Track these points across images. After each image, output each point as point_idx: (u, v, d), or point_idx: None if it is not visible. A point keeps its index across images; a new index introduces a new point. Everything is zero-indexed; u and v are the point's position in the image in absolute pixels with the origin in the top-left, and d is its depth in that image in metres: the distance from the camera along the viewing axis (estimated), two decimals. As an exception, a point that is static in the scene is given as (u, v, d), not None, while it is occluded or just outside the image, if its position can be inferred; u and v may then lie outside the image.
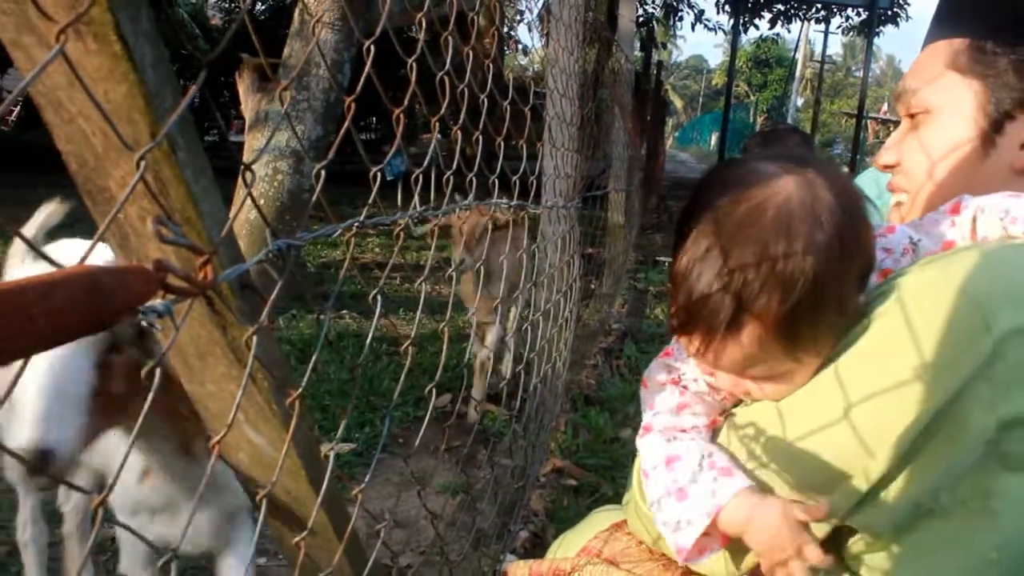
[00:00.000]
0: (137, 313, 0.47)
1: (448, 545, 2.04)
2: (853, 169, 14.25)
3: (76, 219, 0.83)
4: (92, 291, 0.42)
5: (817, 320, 0.75)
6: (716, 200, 0.78)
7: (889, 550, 0.76)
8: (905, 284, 0.74)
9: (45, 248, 0.88)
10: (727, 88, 19.48)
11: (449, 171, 1.13)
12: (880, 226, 0.85)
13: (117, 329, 0.85)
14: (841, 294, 0.75)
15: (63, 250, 1.32)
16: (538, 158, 2.00)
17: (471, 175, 1.22)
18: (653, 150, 10.35)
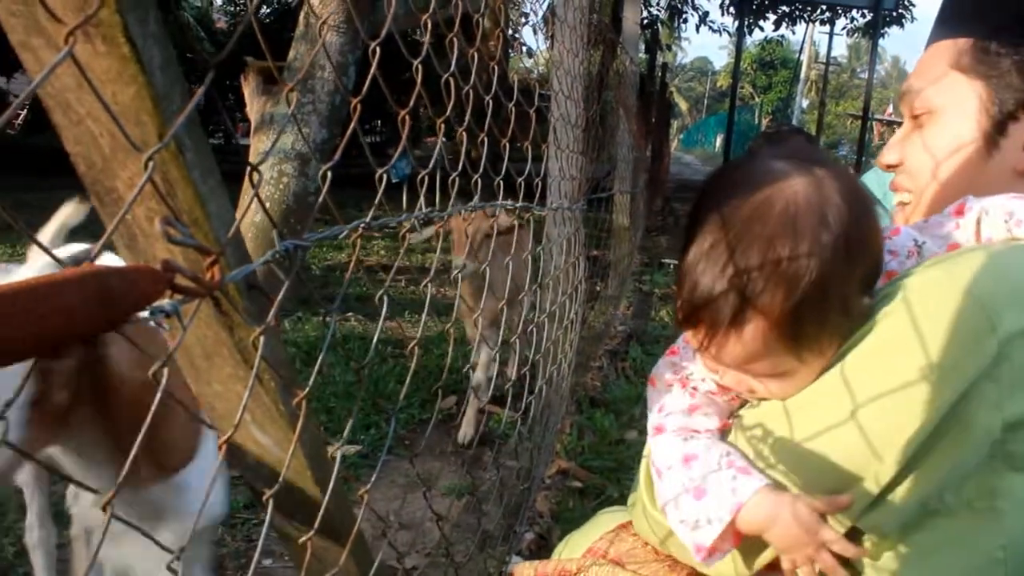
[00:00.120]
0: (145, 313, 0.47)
1: (454, 546, 2.04)
2: (858, 171, 14.21)
3: (91, 219, 0.84)
4: (101, 291, 0.43)
5: (821, 319, 0.75)
6: (724, 196, 0.78)
7: (895, 550, 0.75)
8: (910, 286, 0.74)
9: (58, 251, 0.87)
10: (732, 90, 19.48)
11: (455, 173, 1.13)
12: (885, 228, 0.85)
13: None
14: (846, 294, 0.75)
15: (70, 254, 1.32)
16: (543, 160, 2.00)
17: (476, 176, 1.22)
18: (658, 152, 10.36)
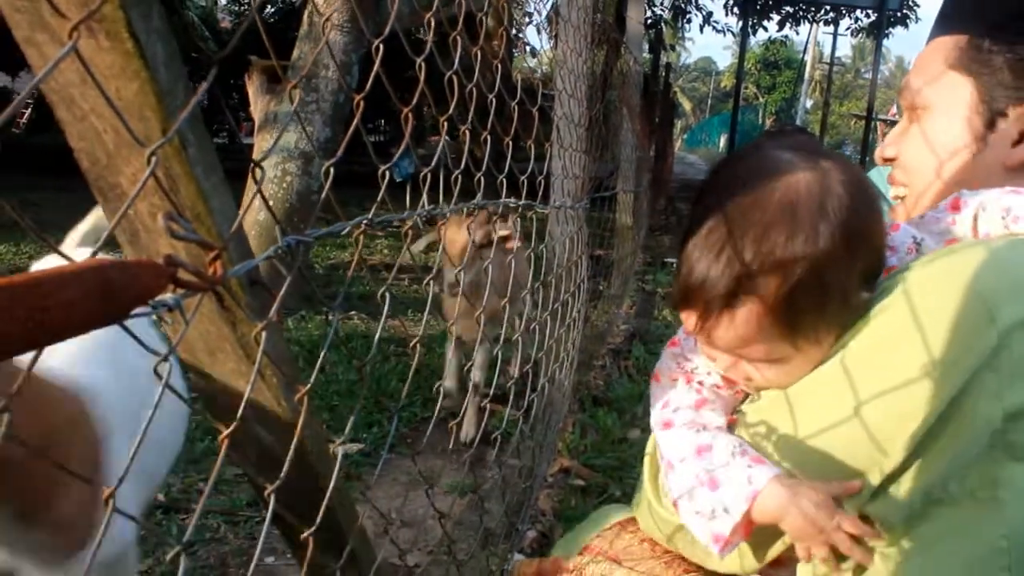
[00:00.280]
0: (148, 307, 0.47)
1: (456, 544, 2.04)
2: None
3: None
4: (102, 285, 0.43)
5: (819, 309, 0.76)
6: (727, 184, 0.80)
7: (900, 539, 0.76)
8: (910, 279, 0.75)
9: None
10: (736, 90, 19.47)
11: (457, 171, 1.13)
12: (886, 224, 0.86)
13: None
14: (844, 286, 0.76)
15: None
16: (546, 159, 2.00)
17: (479, 175, 1.22)
18: (662, 152, 10.35)
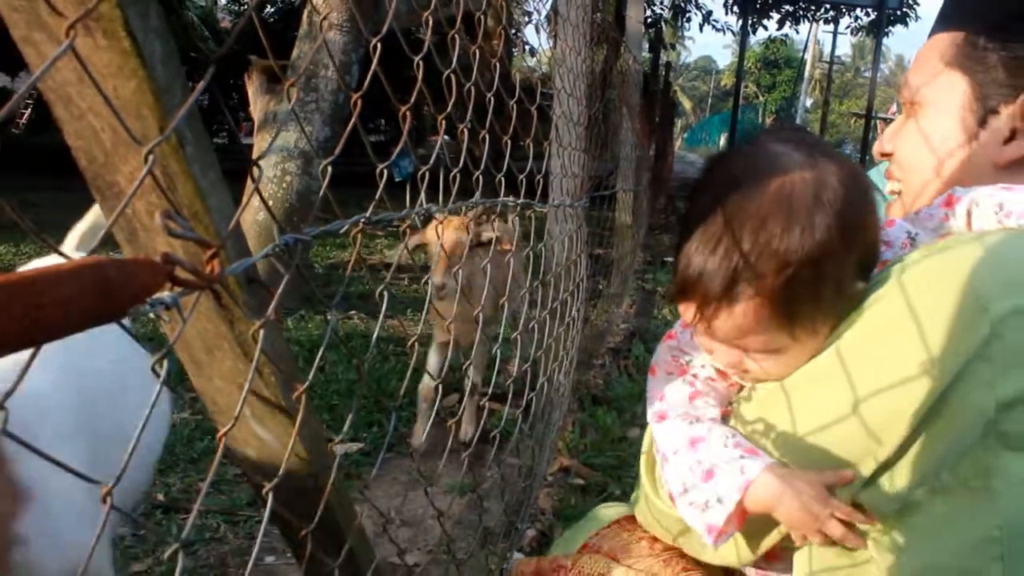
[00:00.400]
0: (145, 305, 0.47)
1: (455, 543, 2.05)
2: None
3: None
4: (99, 283, 0.43)
5: (816, 299, 0.77)
6: (724, 177, 0.82)
7: (893, 528, 0.77)
8: (904, 271, 0.76)
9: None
10: (736, 89, 19.46)
11: (455, 169, 1.13)
12: (881, 219, 0.87)
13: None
14: (840, 276, 0.77)
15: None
16: (545, 158, 2.00)
17: (477, 173, 1.22)
18: (662, 151, 10.35)
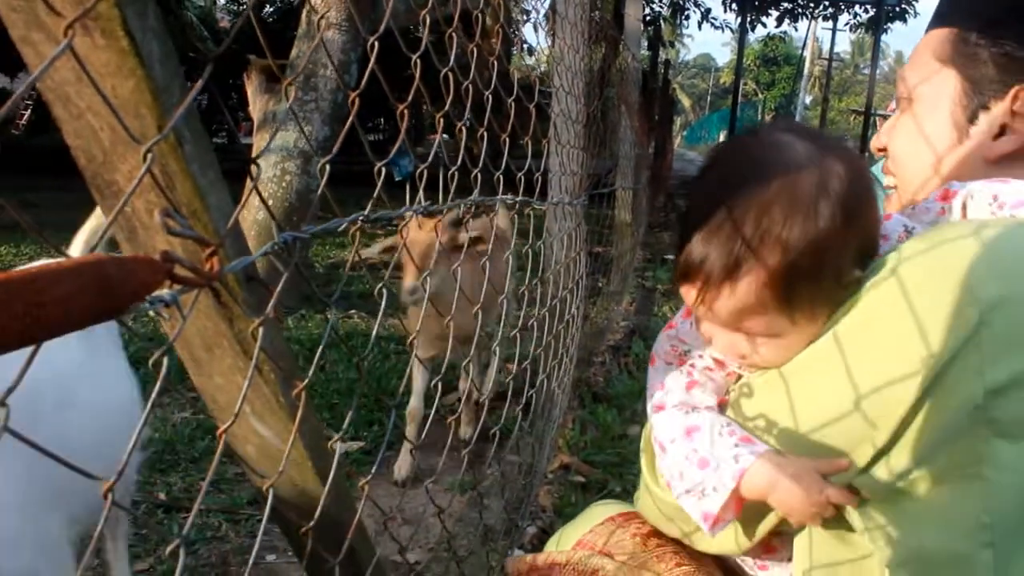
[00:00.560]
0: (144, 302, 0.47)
1: (456, 541, 2.05)
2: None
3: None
4: (99, 280, 0.43)
5: (815, 282, 0.78)
6: (729, 161, 0.84)
7: (886, 514, 0.78)
8: (898, 259, 0.76)
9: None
10: (735, 86, 19.47)
11: (454, 167, 1.13)
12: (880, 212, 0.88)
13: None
14: (840, 263, 0.78)
15: None
16: (543, 156, 2.00)
17: (476, 171, 1.23)
18: (661, 148, 10.35)
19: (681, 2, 18.54)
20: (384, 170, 0.86)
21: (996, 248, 0.72)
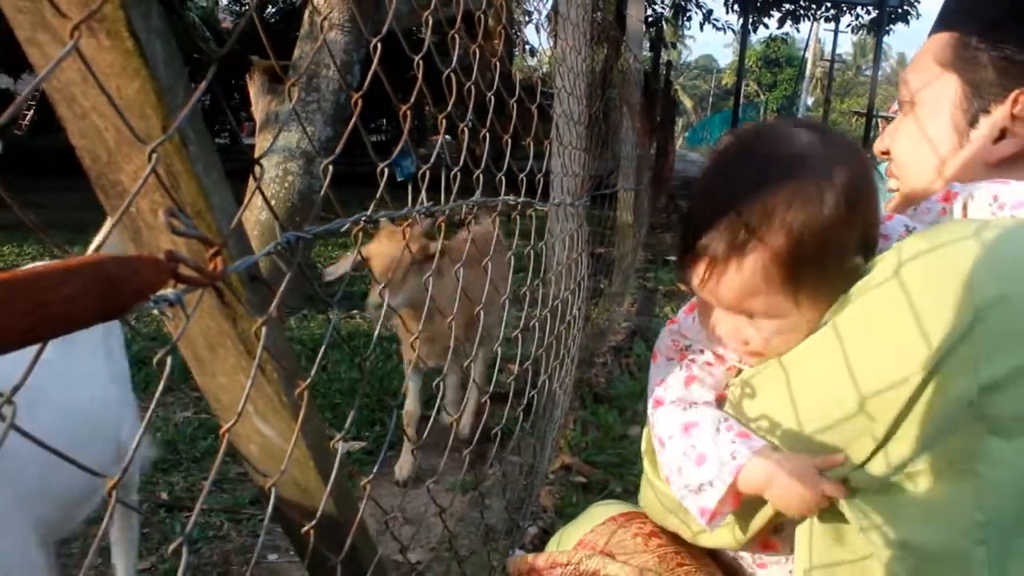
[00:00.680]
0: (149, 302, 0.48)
1: (457, 540, 2.05)
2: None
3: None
4: (102, 279, 0.44)
5: (819, 264, 0.79)
6: (735, 150, 0.86)
7: (882, 511, 0.78)
8: (898, 256, 0.77)
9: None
10: (737, 87, 19.45)
11: (456, 168, 1.14)
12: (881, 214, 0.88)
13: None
14: (843, 248, 0.80)
15: None
16: (545, 157, 2.00)
17: (478, 172, 1.23)
18: (663, 150, 10.34)
19: (683, 3, 18.53)
20: (387, 171, 0.86)
21: (996, 249, 0.72)
